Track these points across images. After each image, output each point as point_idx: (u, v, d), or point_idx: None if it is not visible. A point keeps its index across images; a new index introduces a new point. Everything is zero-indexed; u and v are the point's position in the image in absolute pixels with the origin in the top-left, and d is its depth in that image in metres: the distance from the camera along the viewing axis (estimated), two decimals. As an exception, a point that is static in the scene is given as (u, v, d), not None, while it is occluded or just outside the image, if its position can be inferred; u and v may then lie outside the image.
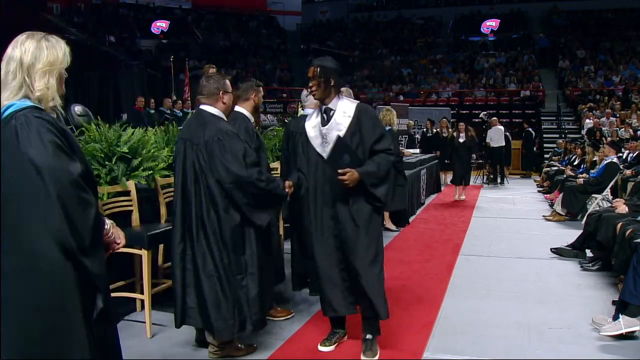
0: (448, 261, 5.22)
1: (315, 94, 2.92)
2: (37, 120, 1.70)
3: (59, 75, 1.83)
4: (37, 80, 1.77)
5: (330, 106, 2.94)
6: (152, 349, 3.15)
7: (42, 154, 1.66)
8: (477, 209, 8.71)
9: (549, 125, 17.30)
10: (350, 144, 2.83)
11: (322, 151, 2.94)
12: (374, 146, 2.88)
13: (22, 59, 1.77)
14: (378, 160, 2.84)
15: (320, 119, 2.99)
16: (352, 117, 2.89)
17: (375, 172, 2.81)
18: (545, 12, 23.32)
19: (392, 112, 6.96)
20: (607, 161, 7.28)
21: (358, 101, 3.03)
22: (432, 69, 21.39)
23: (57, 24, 18.87)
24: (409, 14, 25.36)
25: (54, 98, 1.79)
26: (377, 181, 2.83)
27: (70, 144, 1.76)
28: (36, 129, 1.68)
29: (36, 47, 1.79)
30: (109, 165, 3.65)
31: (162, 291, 3.60)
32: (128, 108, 12.79)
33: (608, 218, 4.57)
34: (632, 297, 3.23)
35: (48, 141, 1.68)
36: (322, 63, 2.91)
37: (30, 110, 1.73)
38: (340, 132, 2.87)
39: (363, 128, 2.89)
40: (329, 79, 2.88)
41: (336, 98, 2.95)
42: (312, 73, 2.89)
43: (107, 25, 21.56)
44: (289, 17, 27.36)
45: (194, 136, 2.86)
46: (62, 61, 1.84)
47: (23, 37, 1.81)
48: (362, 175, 2.77)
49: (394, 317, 3.66)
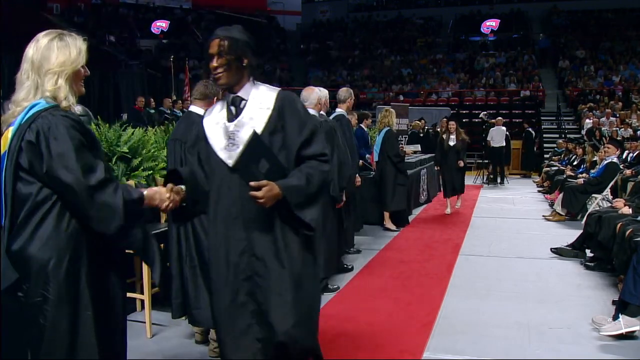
0: (448, 261, 5.22)
1: (220, 78, 2.06)
2: (62, 118, 1.72)
3: (71, 75, 1.81)
4: (47, 81, 1.77)
5: (240, 95, 2.11)
6: (152, 349, 3.16)
7: (68, 152, 1.68)
8: (477, 209, 8.70)
9: (549, 125, 17.29)
10: (269, 146, 2.03)
11: (227, 157, 2.07)
12: (302, 151, 2.07)
13: (33, 59, 1.77)
14: (307, 170, 2.03)
15: (225, 113, 2.13)
16: (272, 109, 2.08)
17: (302, 186, 1.99)
18: (545, 12, 23.30)
19: (391, 113, 6.97)
20: (607, 161, 7.28)
21: (279, 88, 2.20)
22: (432, 69, 21.38)
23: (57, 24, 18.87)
24: (409, 14, 25.34)
25: (66, 97, 1.79)
26: (304, 200, 2.00)
27: (93, 142, 1.80)
28: (62, 127, 1.70)
29: (46, 47, 1.78)
30: (109, 165, 3.65)
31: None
32: (128, 108, 12.80)
33: (608, 218, 4.57)
34: (632, 297, 3.23)
35: (71, 139, 1.70)
36: (231, 34, 2.07)
37: (54, 109, 1.74)
38: (256, 128, 2.05)
39: (287, 125, 2.08)
40: (241, 57, 2.06)
41: (249, 84, 2.12)
42: (217, 48, 2.03)
43: (107, 25, 21.55)
44: (289, 17, 27.36)
45: (183, 136, 2.94)
46: (75, 60, 1.82)
47: (40, 35, 1.81)
48: (285, 190, 1.94)
49: (394, 317, 3.67)
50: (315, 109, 4.20)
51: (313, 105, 4.19)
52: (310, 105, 4.19)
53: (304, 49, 24.97)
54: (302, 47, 25.17)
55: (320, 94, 4.41)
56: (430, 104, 18.44)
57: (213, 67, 2.05)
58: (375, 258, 5.36)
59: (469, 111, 17.79)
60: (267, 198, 1.90)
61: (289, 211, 1.99)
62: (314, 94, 4.22)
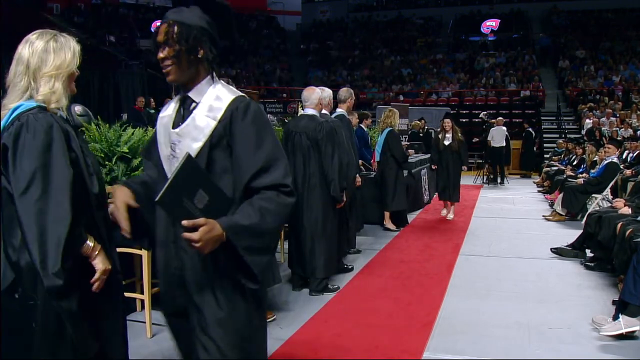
0: (448, 261, 5.22)
1: (169, 73, 1.66)
2: (41, 121, 1.68)
3: (67, 77, 1.80)
4: (43, 85, 1.74)
5: (191, 95, 1.69)
6: (152, 349, 3.16)
7: (40, 155, 1.63)
8: (477, 209, 8.70)
9: (549, 125, 17.30)
10: (207, 172, 1.58)
11: (168, 170, 1.71)
12: (253, 181, 1.59)
13: (28, 62, 1.74)
14: (261, 204, 1.56)
15: (174, 115, 1.75)
16: (219, 120, 1.64)
17: (254, 226, 1.53)
18: (545, 12, 23.31)
19: (395, 113, 6.91)
20: (607, 161, 7.28)
21: (241, 93, 1.71)
22: (432, 69, 21.38)
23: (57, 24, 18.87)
24: (409, 14, 25.34)
25: (58, 100, 1.76)
26: (256, 243, 1.55)
27: (70, 146, 1.75)
28: (35, 129, 1.66)
29: (43, 50, 1.75)
30: (109, 165, 3.66)
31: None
32: (128, 108, 12.80)
33: (608, 218, 4.57)
34: (632, 297, 3.23)
35: (45, 143, 1.65)
36: (182, 18, 1.65)
37: (36, 110, 1.71)
38: (195, 145, 1.63)
39: (237, 144, 1.62)
40: (195, 48, 1.65)
41: (206, 82, 1.70)
42: (164, 35, 1.64)
43: (107, 25, 21.56)
44: (289, 17, 27.36)
45: None
46: (71, 63, 1.80)
47: (34, 36, 1.78)
48: (229, 230, 1.50)
49: (394, 317, 3.67)
50: (315, 109, 4.20)
51: (313, 106, 4.19)
52: (310, 105, 4.19)
53: (304, 49, 24.98)
54: (302, 47, 25.17)
55: (322, 94, 4.41)
56: (430, 104, 18.44)
57: (160, 59, 1.65)
58: (376, 258, 5.36)
59: (469, 111, 17.80)
60: (206, 241, 1.45)
61: (234, 257, 1.54)
62: (314, 94, 4.22)
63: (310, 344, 3.17)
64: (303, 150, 4.09)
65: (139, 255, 3.35)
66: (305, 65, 23.62)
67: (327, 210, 4.13)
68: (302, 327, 3.46)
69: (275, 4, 27.66)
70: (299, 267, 4.22)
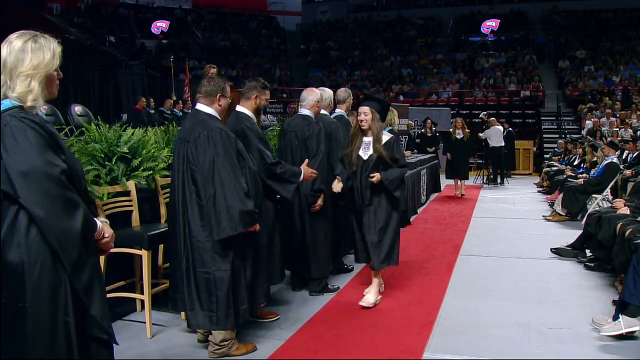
0: (448, 261, 5.23)
1: None
2: (24, 120, 1.68)
3: (44, 78, 1.78)
4: (19, 83, 1.73)
5: None
6: (152, 349, 3.16)
7: (29, 152, 1.64)
8: (477, 209, 8.70)
9: (549, 125, 17.29)
10: None
11: None
12: None
13: (6, 60, 1.73)
14: None
15: None
16: None
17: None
18: (545, 12, 23.31)
19: (393, 113, 6.93)
20: (607, 161, 7.28)
21: None
22: (432, 69, 21.39)
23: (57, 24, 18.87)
24: (409, 14, 25.35)
25: (35, 99, 1.75)
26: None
27: (58, 145, 1.75)
28: (22, 129, 1.66)
29: (20, 49, 1.74)
30: (109, 166, 3.65)
31: (162, 291, 3.61)
32: (128, 108, 12.81)
33: (608, 218, 4.57)
34: (632, 297, 3.23)
35: (34, 140, 1.66)
36: None
37: (16, 110, 1.70)
38: None
39: None
40: None
41: None
42: None
43: (107, 25, 21.57)
44: (289, 17, 27.36)
45: (187, 135, 2.93)
46: (49, 64, 1.78)
47: (14, 36, 1.78)
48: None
49: (393, 317, 3.67)
50: (311, 110, 4.18)
51: (309, 107, 4.18)
52: (306, 106, 4.19)
53: (304, 49, 24.99)
54: (302, 47, 25.18)
55: (323, 95, 4.40)
56: (430, 104, 18.43)
57: None
58: (375, 258, 5.35)
59: (469, 111, 17.76)
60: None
61: None
62: (312, 95, 4.20)
63: (310, 344, 3.17)
64: (293, 148, 4.13)
65: (139, 256, 3.34)
66: (305, 65, 23.62)
67: (320, 209, 4.11)
68: (302, 327, 3.47)
69: (275, 4, 27.66)
70: (299, 267, 4.22)
